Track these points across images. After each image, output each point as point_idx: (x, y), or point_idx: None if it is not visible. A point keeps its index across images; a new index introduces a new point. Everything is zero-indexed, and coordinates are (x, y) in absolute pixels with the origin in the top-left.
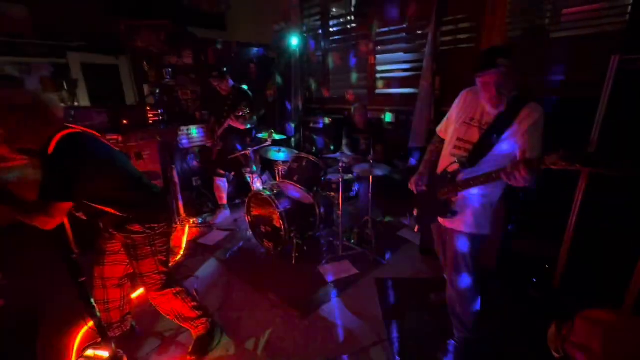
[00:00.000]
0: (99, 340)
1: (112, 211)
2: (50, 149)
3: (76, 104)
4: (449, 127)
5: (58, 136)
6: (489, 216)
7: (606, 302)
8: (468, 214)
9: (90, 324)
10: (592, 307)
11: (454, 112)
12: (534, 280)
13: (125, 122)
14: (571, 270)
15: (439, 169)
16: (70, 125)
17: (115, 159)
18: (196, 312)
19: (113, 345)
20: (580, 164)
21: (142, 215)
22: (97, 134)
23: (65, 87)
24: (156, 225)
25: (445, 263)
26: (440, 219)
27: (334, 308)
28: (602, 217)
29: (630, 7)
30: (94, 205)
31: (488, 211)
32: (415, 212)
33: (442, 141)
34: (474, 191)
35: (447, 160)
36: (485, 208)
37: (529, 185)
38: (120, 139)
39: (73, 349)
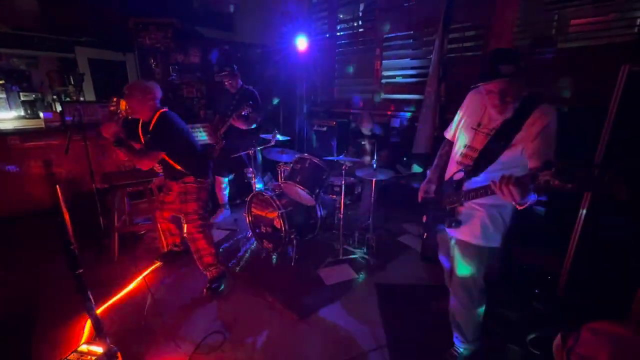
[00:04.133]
0: (94, 335)
1: (177, 167)
2: (152, 125)
3: (82, 98)
4: (457, 131)
5: (157, 114)
6: (500, 229)
7: (610, 313)
8: (476, 225)
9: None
10: (596, 318)
11: (462, 115)
12: (537, 291)
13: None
14: (574, 280)
15: (447, 176)
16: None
17: (188, 132)
18: (213, 259)
19: (107, 341)
20: (573, 183)
21: (195, 171)
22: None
23: (72, 81)
24: (203, 179)
25: (448, 272)
26: (447, 229)
27: (332, 312)
28: (607, 226)
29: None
30: (169, 160)
31: (499, 223)
32: (424, 219)
33: (452, 144)
34: (482, 202)
35: (454, 168)
36: (495, 220)
37: (530, 201)
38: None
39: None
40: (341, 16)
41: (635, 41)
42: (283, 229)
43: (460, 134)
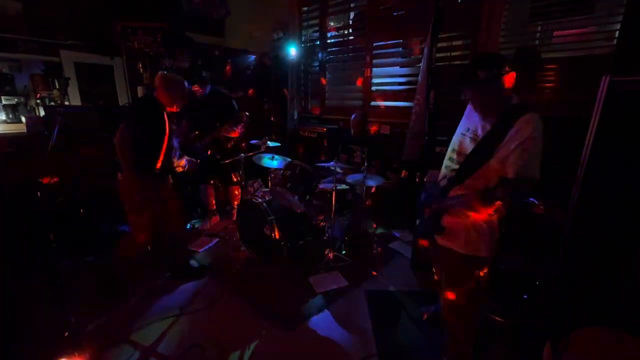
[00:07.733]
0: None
1: None
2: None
3: (67, 102)
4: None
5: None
6: (486, 238)
7: (599, 319)
8: (460, 233)
9: None
10: (585, 324)
11: (460, 124)
12: (525, 297)
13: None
14: (563, 287)
15: (439, 177)
16: None
17: None
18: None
19: (87, 355)
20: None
21: None
22: None
23: (57, 85)
24: None
25: (439, 278)
26: (433, 235)
27: (322, 320)
28: (595, 233)
29: (617, 32)
30: None
31: (484, 232)
32: (417, 223)
33: None
34: (466, 209)
35: (442, 170)
36: (481, 228)
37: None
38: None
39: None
40: (332, 24)
41: (614, 53)
42: (273, 236)
43: (452, 140)
